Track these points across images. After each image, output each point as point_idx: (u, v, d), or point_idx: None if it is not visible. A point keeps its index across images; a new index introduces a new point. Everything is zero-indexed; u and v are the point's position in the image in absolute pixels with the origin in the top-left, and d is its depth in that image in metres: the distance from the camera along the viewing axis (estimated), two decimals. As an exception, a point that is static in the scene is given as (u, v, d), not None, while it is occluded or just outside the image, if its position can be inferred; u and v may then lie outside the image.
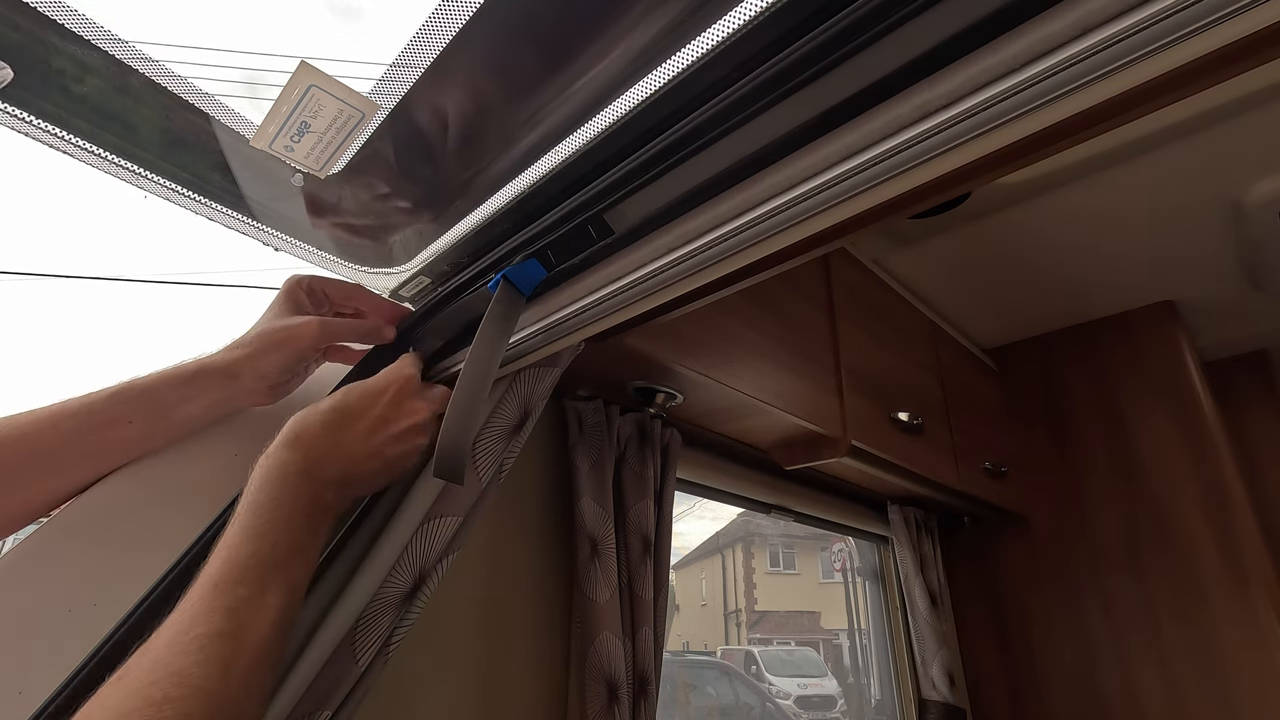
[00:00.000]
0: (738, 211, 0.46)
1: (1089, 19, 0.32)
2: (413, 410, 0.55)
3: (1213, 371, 1.78)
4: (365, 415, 0.52)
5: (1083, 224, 1.41)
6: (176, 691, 0.34)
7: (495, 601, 0.83)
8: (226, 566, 0.41)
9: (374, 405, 0.53)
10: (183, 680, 0.34)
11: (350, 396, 0.53)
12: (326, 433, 0.50)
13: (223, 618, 0.38)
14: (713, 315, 0.93)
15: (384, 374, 0.56)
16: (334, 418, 0.51)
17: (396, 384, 0.55)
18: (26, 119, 0.51)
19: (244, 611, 0.39)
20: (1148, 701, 1.46)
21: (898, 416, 1.26)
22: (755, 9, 0.42)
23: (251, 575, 0.41)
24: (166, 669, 0.35)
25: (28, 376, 48.56)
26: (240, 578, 0.40)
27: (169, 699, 0.33)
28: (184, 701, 0.33)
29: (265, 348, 0.59)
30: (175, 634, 0.37)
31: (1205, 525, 1.48)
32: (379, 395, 0.54)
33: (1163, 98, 0.35)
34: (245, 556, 0.41)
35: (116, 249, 53.99)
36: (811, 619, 9.30)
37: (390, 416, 0.54)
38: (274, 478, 0.46)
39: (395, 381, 0.55)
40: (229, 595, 0.39)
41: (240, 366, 0.58)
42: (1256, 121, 1.13)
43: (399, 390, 0.55)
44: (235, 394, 0.59)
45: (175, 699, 0.33)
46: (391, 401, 0.54)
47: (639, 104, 0.49)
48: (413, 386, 0.56)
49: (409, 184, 0.65)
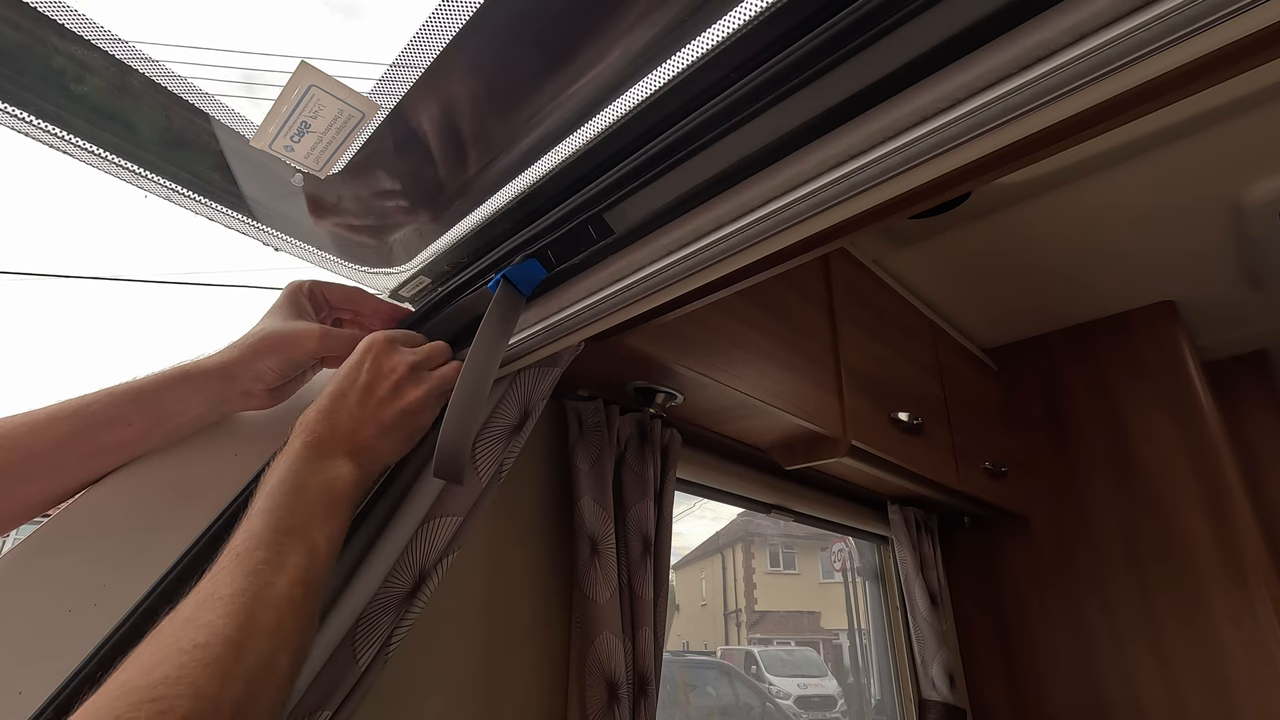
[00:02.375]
0: (738, 212, 0.46)
1: (1089, 20, 0.32)
2: (393, 367, 0.56)
3: (1213, 371, 1.78)
4: (351, 389, 0.54)
5: (1082, 224, 1.41)
6: (204, 638, 0.35)
7: (495, 601, 0.83)
8: (246, 539, 0.42)
9: (357, 375, 0.55)
10: (211, 630, 0.36)
11: (336, 377, 0.56)
12: (322, 416, 0.52)
13: (244, 579, 0.40)
14: (713, 315, 0.93)
15: (358, 346, 0.58)
16: (326, 400, 0.54)
17: (371, 350, 0.57)
18: (26, 119, 0.51)
19: (264, 572, 0.40)
20: (1147, 701, 1.46)
21: (898, 416, 1.26)
22: (755, 9, 0.42)
23: (269, 540, 0.42)
24: (193, 623, 0.36)
25: (28, 376, 48.59)
26: (259, 544, 0.42)
27: (198, 645, 0.35)
28: (212, 648, 0.35)
29: (263, 350, 0.59)
30: (201, 598, 0.39)
31: (1205, 525, 1.48)
32: (359, 365, 0.56)
33: (1163, 98, 0.35)
34: (261, 527, 0.43)
35: (116, 249, 54.06)
36: (811, 619, 9.30)
37: (374, 380, 0.55)
38: (283, 462, 0.49)
39: (368, 348, 0.57)
40: (249, 560, 0.41)
41: (237, 368, 0.58)
42: (1256, 121, 1.13)
43: (375, 356, 0.56)
44: (232, 395, 0.59)
45: (204, 645, 0.35)
46: (371, 367, 0.56)
47: (639, 104, 0.49)
48: (384, 346, 0.57)
49: (409, 184, 0.65)
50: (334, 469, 0.50)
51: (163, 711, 0.31)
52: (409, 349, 0.59)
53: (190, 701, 0.32)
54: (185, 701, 0.32)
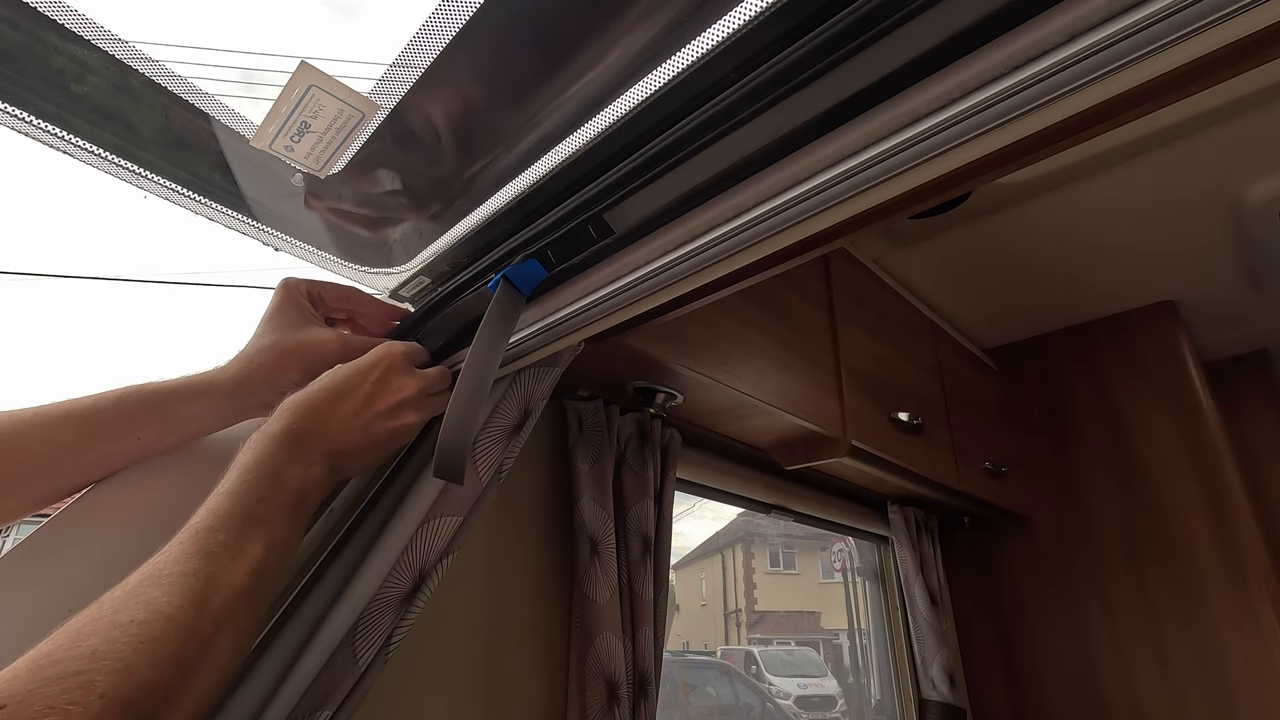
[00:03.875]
0: (737, 211, 0.46)
1: (1088, 19, 0.32)
2: (400, 386, 0.55)
3: (1213, 371, 1.78)
4: (354, 392, 0.53)
5: (1082, 223, 1.41)
6: (143, 615, 0.34)
7: (495, 601, 0.83)
8: (209, 517, 0.41)
9: (362, 382, 0.54)
10: (152, 608, 0.34)
11: (339, 375, 0.54)
12: (313, 409, 0.51)
13: (199, 560, 0.38)
14: (713, 315, 0.93)
15: (372, 353, 0.57)
16: (323, 395, 0.52)
17: (385, 361, 0.56)
18: (26, 119, 0.51)
19: (221, 556, 0.39)
20: (1147, 701, 1.46)
21: (898, 416, 1.26)
22: (755, 9, 0.42)
23: (232, 524, 0.41)
24: (136, 599, 0.35)
25: (28, 376, 48.61)
26: (220, 525, 0.40)
27: (135, 621, 0.33)
28: (150, 625, 0.33)
29: (283, 365, 0.58)
30: (150, 572, 0.37)
31: (1205, 525, 1.48)
32: (367, 373, 0.55)
33: (1163, 98, 0.35)
34: (227, 508, 0.42)
35: (116, 249, 53.98)
36: (811, 619, 9.30)
37: (377, 393, 0.54)
38: (261, 444, 0.47)
39: (384, 359, 0.56)
40: (207, 540, 0.39)
41: (255, 383, 0.57)
42: (1256, 121, 1.13)
43: (387, 368, 0.55)
44: (247, 408, 0.58)
45: (141, 622, 0.33)
46: (379, 379, 0.55)
47: (639, 104, 0.49)
48: (400, 363, 0.57)
49: (409, 184, 0.65)
50: (310, 467, 0.48)
51: (82, 685, 0.29)
52: (418, 372, 0.58)
53: (114, 678, 0.30)
54: (109, 678, 0.30)
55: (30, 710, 0.28)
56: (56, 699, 0.29)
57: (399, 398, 0.55)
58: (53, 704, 0.29)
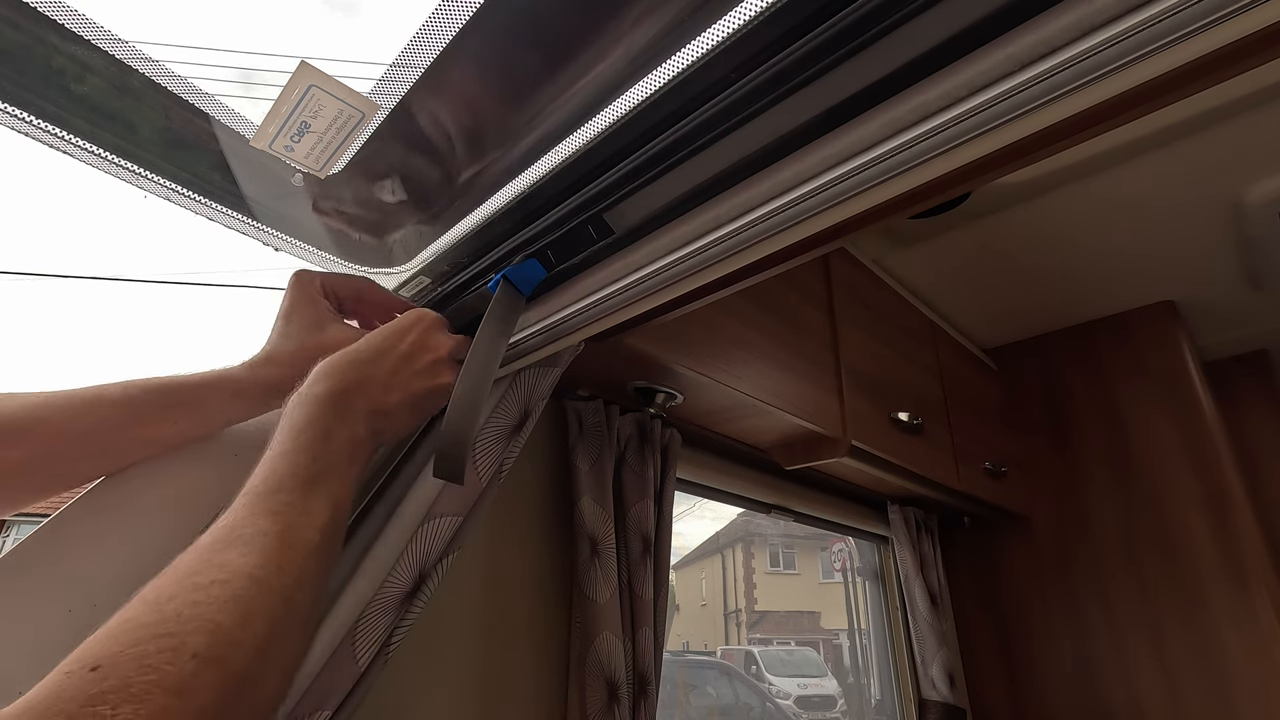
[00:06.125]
0: (737, 212, 0.46)
1: (1089, 19, 0.32)
2: (437, 344, 0.56)
3: (1213, 371, 1.78)
4: (392, 351, 0.53)
5: (1082, 224, 1.41)
6: (224, 576, 0.32)
7: (495, 601, 0.83)
8: (270, 479, 0.40)
9: (400, 342, 0.54)
10: (231, 568, 0.33)
11: (375, 337, 0.54)
12: (354, 368, 0.50)
13: (267, 519, 0.37)
14: (713, 315, 0.93)
15: (408, 314, 0.57)
16: (361, 355, 0.52)
17: (422, 322, 0.56)
18: (26, 119, 0.51)
19: (288, 514, 0.38)
20: (1147, 701, 1.46)
21: (898, 416, 1.26)
22: (755, 9, 0.42)
23: (294, 484, 0.40)
24: (211, 561, 0.33)
25: (28, 376, 48.62)
26: (281, 486, 0.39)
27: (216, 582, 0.32)
28: (232, 585, 0.32)
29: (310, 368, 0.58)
30: (219, 535, 0.36)
31: (1205, 525, 1.48)
32: (404, 333, 0.55)
33: (1163, 98, 0.35)
34: (285, 470, 0.41)
35: (116, 249, 53.94)
36: (811, 619, 9.29)
37: (415, 352, 0.54)
38: (308, 404, 0.46)
39: (420, 320, 0.57)
40: (272, 500, 0.38)
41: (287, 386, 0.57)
42: (1256, 121, 1.13)
43: (425, 329, 0.56)
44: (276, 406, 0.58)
45: (224, 582, 0.32)
46: (417, 339, 0.55)
47: (639, 104, 0.49)
48: (435, 323, 0.57)
49: (409, 184, 0.64)
50: (356, 426, 0.47)
51: (174, 647, 0.28)
52: (455, 337, 0.59)
53: (205, 638, 0.29)
54: (199, 638, 0.29)
55: (125, 671, 0.27)
56: (151, 658, 0.28)
57: (435, 355, 0.55)
58: (147, 663, 0.28)
